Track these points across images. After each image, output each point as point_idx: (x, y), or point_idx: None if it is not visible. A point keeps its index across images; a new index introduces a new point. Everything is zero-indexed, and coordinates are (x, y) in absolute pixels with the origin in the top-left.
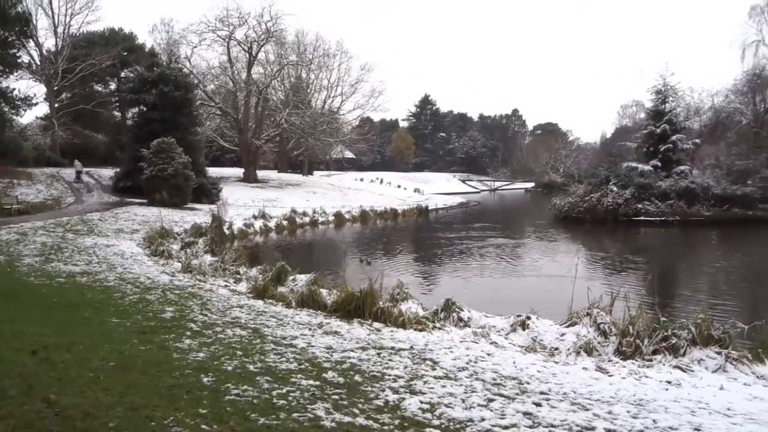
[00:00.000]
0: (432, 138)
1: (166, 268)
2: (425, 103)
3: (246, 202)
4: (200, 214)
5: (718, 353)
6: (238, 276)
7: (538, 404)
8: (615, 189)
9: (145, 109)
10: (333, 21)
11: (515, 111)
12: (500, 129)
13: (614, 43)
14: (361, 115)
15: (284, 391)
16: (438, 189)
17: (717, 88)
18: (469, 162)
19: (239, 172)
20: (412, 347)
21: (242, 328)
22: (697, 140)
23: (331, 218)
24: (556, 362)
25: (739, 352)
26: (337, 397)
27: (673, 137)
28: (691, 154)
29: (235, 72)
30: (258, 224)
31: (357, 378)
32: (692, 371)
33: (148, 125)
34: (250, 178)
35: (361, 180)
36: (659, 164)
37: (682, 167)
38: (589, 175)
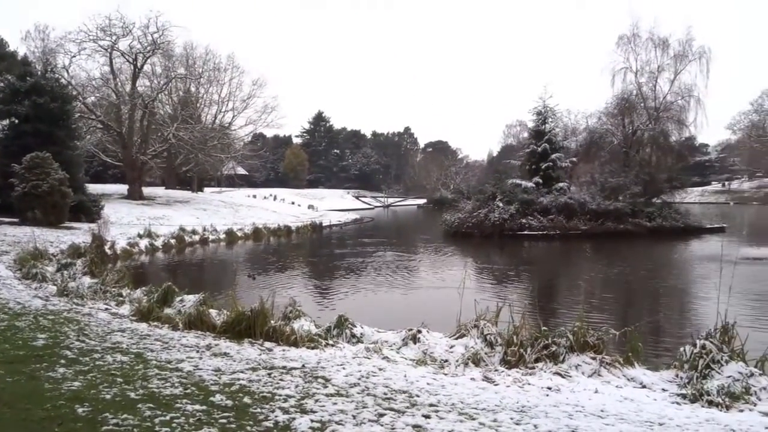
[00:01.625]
0: (326, 154)
1: (40, 292)
2: (319, 119)
3: (131, 220)
4: (79, 234)
5: (593, 358)
6: (121, 298)
7: (427, 416)
8: (501, 205)
9: (16, 121)
10: (224, 36)
11: (407, 129)
12: (393, 146)
13: (500, 64)
14: (254, 131)
15: (168, 417)
16: (332, 205)
17: (591, 110)
18: (363, 178)
19: (123, 188)
20: (304, 365)
21: (123, 354)
22: (574, 159)
23: (223, 236)
24: (446, 374)
25: (612, 356)
26: (224, 420)
27: (553, 156)
28: (570, 171)
29: (119, 84)
30: (143, 243)
31: (246, 400)
32: (570, 377)
33: (19, 139)
34: (135, 195)
35: (254, 197)
36: (541, 181)
37: (561, 184)
38: (477, 192)
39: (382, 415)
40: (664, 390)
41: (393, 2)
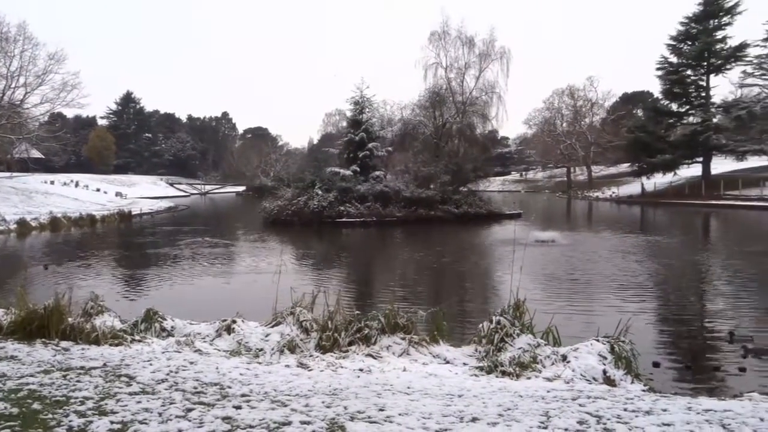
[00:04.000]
0: (136, 138)
1: None
2: (128, 100)
3: None
4: None
5: (403, 339)
6: None
7: (238, 407)
8: (320, 192)
9: None
10: (14, 3)
11: (225, 114)
12: (210, 131)
13: (321, 52)
14: (51, 110)
15: None
16: (144, 193)
17: (406, 102)
18: (177, 165)
19: None
20: (105, 364)
21: None
22: (390, 148)
23: (13, 226)
24: (260, 363)
25: (420, 336)
26: (8, 431)
27: (370, 145)
28: (385, 160)
29: None
30: None
31: (36, 406)
32: (382, 357)
33: None
34: None
35: (52, 183)
36: (358, 169)
37: (377, 172)
38: (297, 179)
39: (190, 410)
40: (465, 364)
41: None
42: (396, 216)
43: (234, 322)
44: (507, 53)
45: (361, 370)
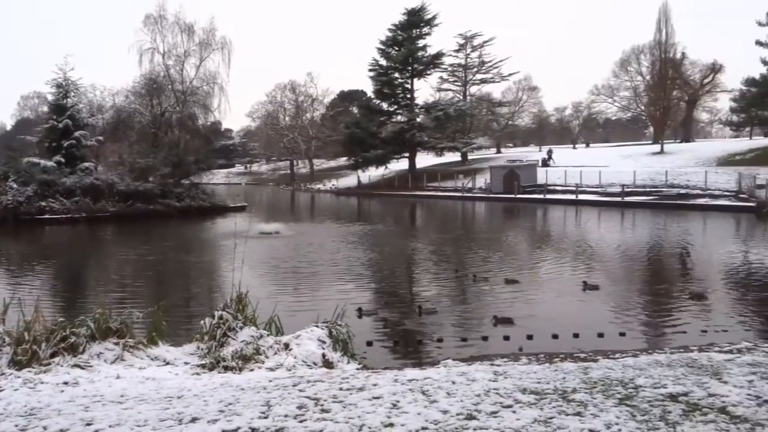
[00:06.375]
0: None
1: None
2: None
3: None
4: None
5: (117, 344)
6: None
7: None
8: (15, 186)
9: None
10: None
11: None
12: None
13: (13, 26)
14: None
15: None
16: None
17: (118, 88)
18: None
19: None
20: None
21: None
22: (101, 137)
23: None
24: None
25: (136, 339)
26: None
27: (77, 133)
28: (96, 150)
29: None
30: None
31: None
32: (91, 367)
33: None
34: None
35: None
36: (63, 160)
37: (87, 164)
38: None
39: None
40: (186, 363)
41: None
42: (110, 211)
43: None
44: (228, 44)
45: (65, 383)
